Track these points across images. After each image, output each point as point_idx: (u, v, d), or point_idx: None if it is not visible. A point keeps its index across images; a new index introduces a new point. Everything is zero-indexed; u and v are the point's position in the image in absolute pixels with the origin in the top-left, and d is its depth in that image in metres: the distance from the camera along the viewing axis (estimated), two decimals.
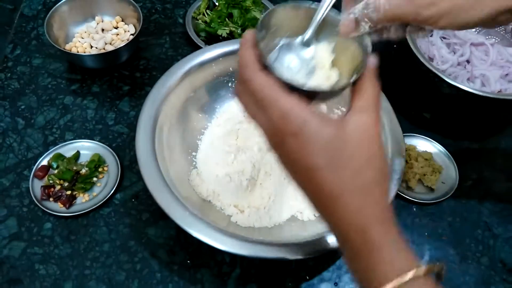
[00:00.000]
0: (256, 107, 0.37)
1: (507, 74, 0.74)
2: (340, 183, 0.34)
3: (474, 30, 0.81)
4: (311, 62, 0.42)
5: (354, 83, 0.36)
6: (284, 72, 0.37)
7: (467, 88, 0.66)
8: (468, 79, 0.74)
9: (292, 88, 0.35)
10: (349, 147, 0.34)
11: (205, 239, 0.50)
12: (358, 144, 0.34)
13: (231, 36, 0.80)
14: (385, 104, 0.63)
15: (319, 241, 0.51)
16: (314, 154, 0.34)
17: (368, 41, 0.39)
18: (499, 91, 0.72)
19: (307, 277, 0.60)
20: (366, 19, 0.39)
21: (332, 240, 0.51)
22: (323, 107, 0.57)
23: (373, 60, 0.37)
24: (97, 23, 0.82)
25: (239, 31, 0.80)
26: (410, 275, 0.32)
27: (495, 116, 0.79)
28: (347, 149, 0.34)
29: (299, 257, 0.51)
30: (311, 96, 0.36)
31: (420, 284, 0.32)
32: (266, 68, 0.36)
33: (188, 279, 0.58)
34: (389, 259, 0.33)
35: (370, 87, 0.36)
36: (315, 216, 0.61)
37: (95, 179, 0.65)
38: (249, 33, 0.38)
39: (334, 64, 0.42)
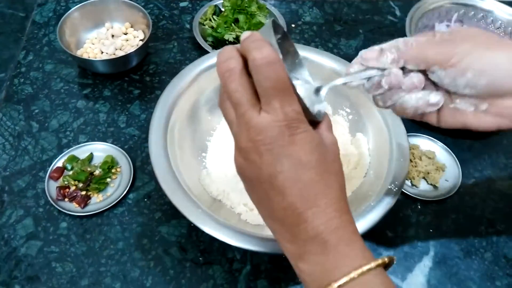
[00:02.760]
0: (251, 94, 0.35)
1: None
2: (325, 184, 0.36)
3: None
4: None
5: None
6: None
7: None
8: None
9: None
10: (331, 154, 0.38)
11: (217, 235, 0.52)
12: (335, 154, 0.39)
13: (237, 41, 0.82)
14: None
15: None
16: (309, 152, 0.35)
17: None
18: None
19: None
20: (393, 50, 0.41)
21: None
22: None
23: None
24: (107, 29, 0.84)
25: None
26: (364, 268, 0.34)
27: None
28: (329, 155, 0.38)
29: None
30: None
31: (373, 275, 0.34)
32: None
33: (200, 276, 0.60)
34: (348, 255, 0.35)
35: (328, 118, 0.41)
36: None
37: (108, 179, 0.67)
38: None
39: None
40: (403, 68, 0.42)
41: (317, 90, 0.43)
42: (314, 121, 0.39)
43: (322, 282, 0.35)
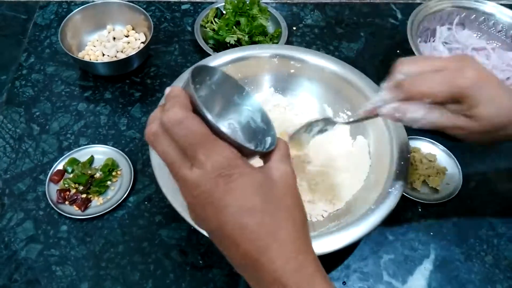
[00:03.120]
0: (178, 153, 0.34)
1: (508, 78, 0.76)
2: (275, 225, 0.35)
3: (475, 34, 0.83)
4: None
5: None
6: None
7: None
8: None
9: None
10: (280, 189, 0.36)
11: None
12: (286, 188, 0.37)
13: (238, 44, 0.82)
14: None
15: (327, 240, 0.53)
16: (250, 196, 0.34)
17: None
18: None
19: None
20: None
21: (339, 240, 0.52)
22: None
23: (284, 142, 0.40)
24: (109, 32, 0.84)
25: (246, 38, 0.82)
26: None
27: None
28: (278, 191, 0.36)
29: None
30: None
31: None
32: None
33: (200, 279, 0.60)
34: None
35: (283, 145, 0.39)
36: (323, 217, 0.62)
37: (109, 182, 0.67)
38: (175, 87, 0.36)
39: None
40: None
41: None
42: (266, 153, 0.38)
43: None
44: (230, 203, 0.34)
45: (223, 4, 0.87)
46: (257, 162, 0.38)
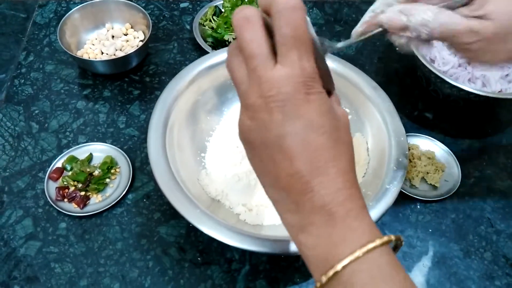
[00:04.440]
0: (266, 47, 0.32)
1: (507, 75, 0.76)
2: (336, 152, 0.33)
3: None
4: None
5: None
6: None
7: (468, 88, 0.68)
8: (469, 79, 0.76)
9: None
10: (342, 124, 0.35)
11: (216, 236, 0.52)
12: (345, 126, 0.35)
13: None
14: (388, 104, 0.64)
15: None
16: (322, 115, 0.32)
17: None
18: (499, 91, 0.74)
19: None
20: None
21: None
22: None
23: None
24: (108, 30, 0.84)
25: None
26: (369, 246, 0.31)
27: (496, 115, 0.80)
28: (341, 124, 0.34)
29: None
30: None
31: (379, 253, 0.32)
32: None
33: (198, 276, 0.60)
34: (353, 231, 0.32)
35: (337, 95, 0.38)
36: None
37: (107, 180, 0.67)
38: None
39: None
40: None
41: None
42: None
43: (326, 257, 0.32)
44: (303, 114, 0.32)
45: (222, 2, 0.87)
46: None
